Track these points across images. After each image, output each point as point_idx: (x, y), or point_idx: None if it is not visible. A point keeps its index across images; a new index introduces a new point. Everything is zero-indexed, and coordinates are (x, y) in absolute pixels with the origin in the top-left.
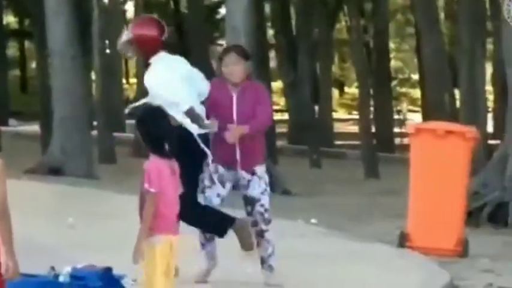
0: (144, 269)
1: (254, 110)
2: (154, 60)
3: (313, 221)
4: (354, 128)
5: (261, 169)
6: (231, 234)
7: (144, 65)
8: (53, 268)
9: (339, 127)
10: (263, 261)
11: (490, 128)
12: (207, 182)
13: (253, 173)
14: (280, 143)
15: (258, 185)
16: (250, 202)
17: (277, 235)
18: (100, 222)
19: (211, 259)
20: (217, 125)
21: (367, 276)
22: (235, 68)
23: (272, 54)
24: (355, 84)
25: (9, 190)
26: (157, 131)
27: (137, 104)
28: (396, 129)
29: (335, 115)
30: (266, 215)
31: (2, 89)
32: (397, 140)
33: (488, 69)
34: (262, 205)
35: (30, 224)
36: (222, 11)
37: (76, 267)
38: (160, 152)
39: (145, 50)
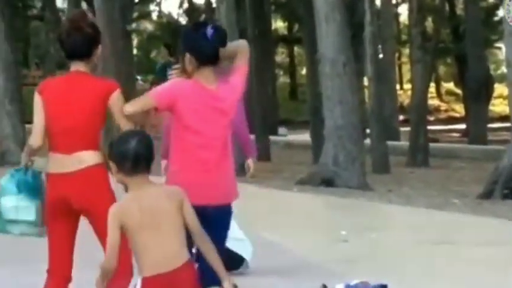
0: None
1: None
2: None
3: None
4: None
5: None
6: None
7: None
8: (324, 286)
9: None
10: None
11: None
12: None
13: None
14: None
15: None
16: None
17: None
18: (373, 234)
19: None
20: None
21: None
22: None
23: None
24: None
25: (281, 201)
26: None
27: None
28: None
29: None
30: None
31: (271, 96)
32: None
33: None
34: None
35: (301, 239)
36: (500, 12)
37: (349, 284)
38: None
39: None
